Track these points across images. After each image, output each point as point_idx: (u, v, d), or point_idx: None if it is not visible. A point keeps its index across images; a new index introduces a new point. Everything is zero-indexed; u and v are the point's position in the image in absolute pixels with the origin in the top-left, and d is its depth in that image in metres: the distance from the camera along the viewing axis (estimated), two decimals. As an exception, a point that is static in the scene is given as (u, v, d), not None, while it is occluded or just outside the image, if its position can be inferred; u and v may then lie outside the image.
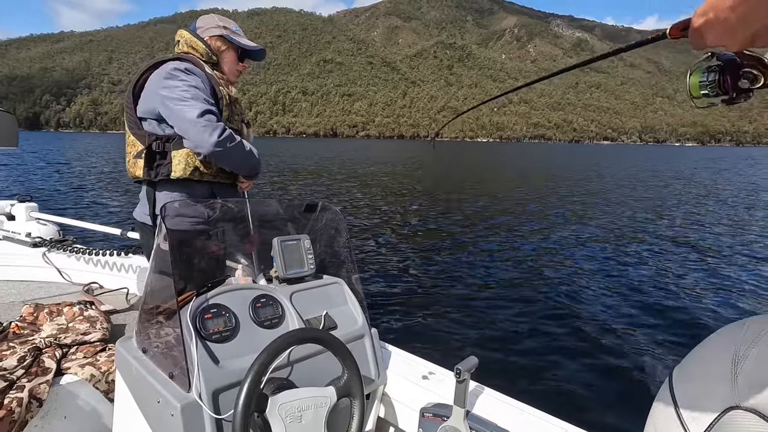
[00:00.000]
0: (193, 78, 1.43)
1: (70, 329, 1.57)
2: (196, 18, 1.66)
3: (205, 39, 1.60)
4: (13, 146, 2.44)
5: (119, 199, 12.11)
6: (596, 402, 3.08)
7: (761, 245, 8.08)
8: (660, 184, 19.96)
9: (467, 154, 58.97)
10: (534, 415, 1.15)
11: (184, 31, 1.61)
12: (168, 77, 1.39)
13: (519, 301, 5.02)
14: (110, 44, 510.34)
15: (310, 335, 0.93)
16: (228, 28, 1.66)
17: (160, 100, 1.39)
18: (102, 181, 17.02)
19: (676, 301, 5.13)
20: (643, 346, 3.93)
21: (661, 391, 0.43)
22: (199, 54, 1.58)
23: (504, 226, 9.57)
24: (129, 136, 1.45)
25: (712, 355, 0.39)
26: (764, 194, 16.61)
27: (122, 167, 1.67)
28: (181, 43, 1.59)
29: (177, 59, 1.49)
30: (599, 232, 9.01)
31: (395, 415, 1.31)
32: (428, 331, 4.17)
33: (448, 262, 6.70)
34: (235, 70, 1.69)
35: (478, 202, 13.36)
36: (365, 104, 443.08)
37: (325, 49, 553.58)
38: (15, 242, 2.72)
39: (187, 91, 1.38)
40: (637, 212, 11.71)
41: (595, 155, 65.22)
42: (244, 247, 1.31)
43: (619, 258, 6.99)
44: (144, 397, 0.97)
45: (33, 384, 1.21)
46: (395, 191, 15.87)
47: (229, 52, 1.66)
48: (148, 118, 1.44)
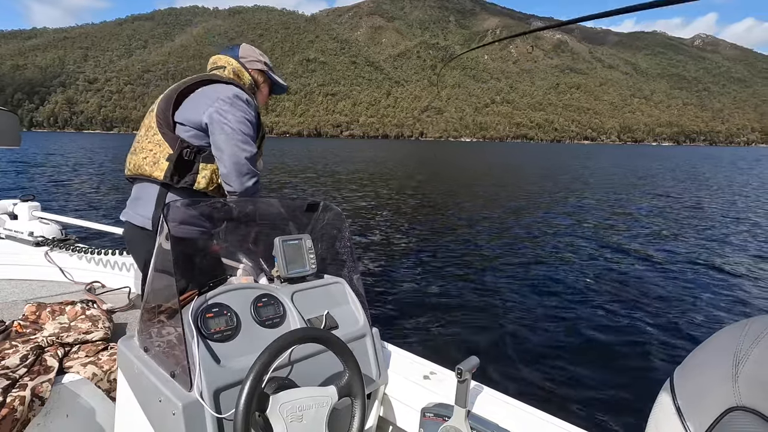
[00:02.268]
0: (251, 110, 1.49)
1: (72, 328, 1.58)
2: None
3: (249, 70, 1.68)
4: (16, 145, 2.46)
5: (119, 199, 12.03)
6: (597, 402, 3.08)
7: (763, 246, 8.21)
8: (659, 184, 20.13)
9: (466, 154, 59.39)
10: (535, 415, 1.15)
11: (230, 58, 1.65)
12: (230, 102, 1.43)
13: (520, 302, 5.02)
14: (86, 41, 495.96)
15: (311, 335, 0.93)
16: (267, 63, 1.75)
17: (215, 119, 1.40)
18: (103, 181, 16.70)
19: (677, 302, 5.15)
20: (644, 347, 3.94)
21: (662, 392, 0.43)
22: (243, 83, 1.64)
23: (506, 227, 9.63)
24: (155, 135, 1.44)
25: (713, 356, 0.39)
26: (764, 194, 16.80)
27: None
28: (227, 70, 1.63)
29: (235, 84, 1.53)
30: (599, 234, 9.10)
31: (396, 414, 1.31)
32: (429, 331, 4.17)
33: (450, 262, 6.71)
34: (263, 103, 1.78)
35: (477, 201, 13.49)
36: (349, 104, 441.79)
37: (308, 48, 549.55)
38: (18, 241, 2.72)
39: (244, 123, 1.43)
40: (636, 212, 11.88)
41: (582, 155, 66.10)
42: (245, 246, 1.31)
43: (620, 259, 7.06)
44: (146, 396, 0.97)
45: (35, 382, 1.21)
46: (394, 191, 15.91)
47: (265, 86, 1.77)
48: (185, 125, 1.45)
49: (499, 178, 22.40)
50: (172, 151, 1.42)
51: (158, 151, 1.43)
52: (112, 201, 12.08)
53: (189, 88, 1.49)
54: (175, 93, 1.47)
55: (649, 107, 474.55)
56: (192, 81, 1.51)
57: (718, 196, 16.07)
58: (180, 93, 1.48)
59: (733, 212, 12.24)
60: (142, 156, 1.46)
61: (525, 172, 27.44)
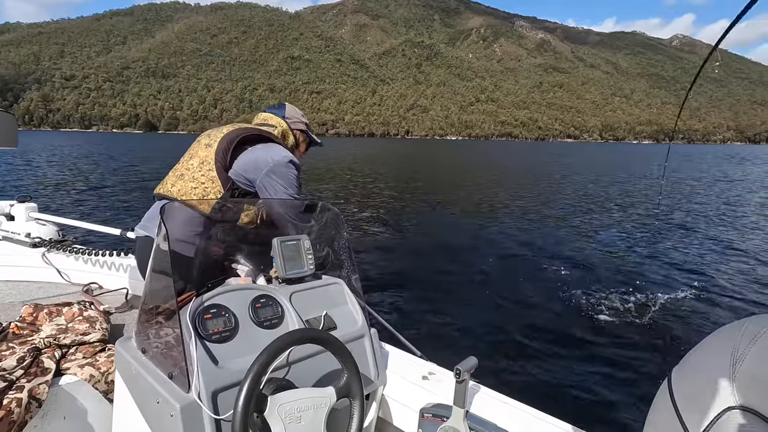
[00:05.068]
0: (297, 172, 1.64)
1: (70, 329, 1.57)
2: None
3: (293, 130, 1.86)
4: (13, 146, 2.48)
5: (117, 199, 11.85)
6: (595, 402, 3.09)
7: (761, 246, 8.29)
8: (657, 183, 20.29)
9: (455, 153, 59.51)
10: (533, 415, 1.15)
11: (280, 119, 1.83)
12: (286, 167, 1.58)
13: (518, 302, 5.05)
14: (62, 37, 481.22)
15: (309, 335, 0.93)
16: (307, 124, 1.92)
17: (268, 181, 1.54)
18: (102, 181, 16.38)
19: (674, 301, 5.20)
20: (642, 347, 3.97)
21: (660, 392, 0.44)
22: (287, 143, 1.81)
23: (504, 227, 9.63)
24: (210, 171, 1.52)
25: (711, 355, 0.39)
26: (764, 193, 17.02)
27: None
28: (278, 130, 1.79)
29: (284, 146, 1.70)
30: (598, 233, 9.13)
31: (395, 415, 1.31)
32: (428, 332, 4.19)
33: (448, 262, 6.69)
34: (300, 157, 1.92)
35: (477, 200, 13.52)
36: (334, 102, 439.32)
37: (293, 46, 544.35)
38: (14, 242, 2.72)
39: (293, 186, 1.59)
40: (636, 212, 11.94)
41: (572, 153, 66.92)
42: (243, 247, 1.32)
43: (618, 258, 7.09)
44: (143, 397, 0.97)
45: (32, 384, 1.21)
46: (391, 190, 15.87)
47: (304, 144, 1.94)
48: (238, 173, 1.55)
49: (497, 178, 22.45)
50: (223, 189, 1.50)
51: (210, 186, 1.51)
52: (111, 200, 11.88)
53: (248, 138, 1.61)
54: (236, 139, 1.57)
55: (630, 106, 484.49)
56: (251, 132, 1.63)
57: (717, 195, 16.07)
58: (235, 143, 1.57)
59: (732, 211, 12.33)
60: (191, 185, 1.52)
61: (524, 172, 27.62)
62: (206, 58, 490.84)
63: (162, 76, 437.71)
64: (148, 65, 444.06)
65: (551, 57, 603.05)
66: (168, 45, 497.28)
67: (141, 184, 16.36)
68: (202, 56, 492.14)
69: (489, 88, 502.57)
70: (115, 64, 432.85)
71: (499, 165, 34.09)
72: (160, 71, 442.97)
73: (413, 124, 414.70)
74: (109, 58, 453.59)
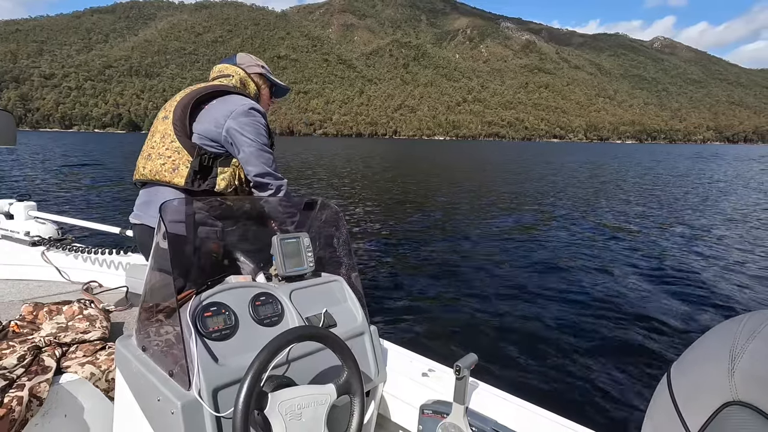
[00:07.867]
0: (264, 119, 1.57)
1: (70, 328, 1.58)
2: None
3: (250, 74, 1.75)
4: (12, 145, 2.49)
5: (118, 199, 11.64)
6: (594, 398, 3.11)
7: (760, 241, 8.37)
8: (656, 183, 20.37)
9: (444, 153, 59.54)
10: (533, 411, 1.16)
11: (236, 67, 1.72)
12: (247, 116, 1.51)
13: (518, 298, 5.06)
14: (40, 34, 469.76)
15: (309, 333, 0.93)
16: (264, 66, 1.81)
17: (235, 135, 1.49)
18: (103, 181, 15.82)
19: (673, 297, 5.23)
20: (641, 343, 3.98)
21: (659, 388, 0.44)
22: (248, 92, 1.71)
23: (504, 224, 9.63)
24: (173, 143, 1.49)
25: (710, 351, 0.40)
26: (763, 193, 17.03)
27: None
28: (235, 78, 1.69)
29: (243, 95, 1.61)
30: (597, 231, 9.17)
31: (395, 412, 1.31)
32: (428, 329, 4.18)
33: (448, 259, 6.68)
34: (267, 106, 1.83)
35: (478, 201, 13.49)
36: (322, 102, 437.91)
37: (279, 45, 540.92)
38: (14, 241, 2.73)
39: (261, 134, 1.53)
40: (634, 211, 11.98)
41: (565, 152, 67.33)
42: (243, 245, 1.32)
43: (618, 256, 7.11)
44: (144, 395, 0.97)
45: (33, 383, 1.22)
46: (390, 189, 15.81)
47: (265, 90, 1.82)
48: (201, 135, 1.50)
49: (493, 178, 22.46)
50: (191, 158, 1.47)
51: (177, 158, 1.48)
52: (109, 199, 11.69)
53: (202, 98, 1.54)
54: (190, 102, 1.52)
55: (613, 106, 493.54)
56: (204, 91, 1.56)
57: (716, 195, 16.10)
58: (193, 105, 1.52)
59: (730, 210, 12.40)
60: (159, 162, 1.50)
61: (523, 171, 27.67)
62: (191, 56, 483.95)
63: (145, 75, 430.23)
64: (131, 64, 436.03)
65: (536, 58, 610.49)
66: (151, 43, 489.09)
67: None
68: (186, 55, 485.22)
69: (476, 88, 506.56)
70: (97, 63, 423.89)
71: (500, 165, 34.25)
72: (144, 70, 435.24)
73: (401, 124, 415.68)
74: (90, 56, 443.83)
